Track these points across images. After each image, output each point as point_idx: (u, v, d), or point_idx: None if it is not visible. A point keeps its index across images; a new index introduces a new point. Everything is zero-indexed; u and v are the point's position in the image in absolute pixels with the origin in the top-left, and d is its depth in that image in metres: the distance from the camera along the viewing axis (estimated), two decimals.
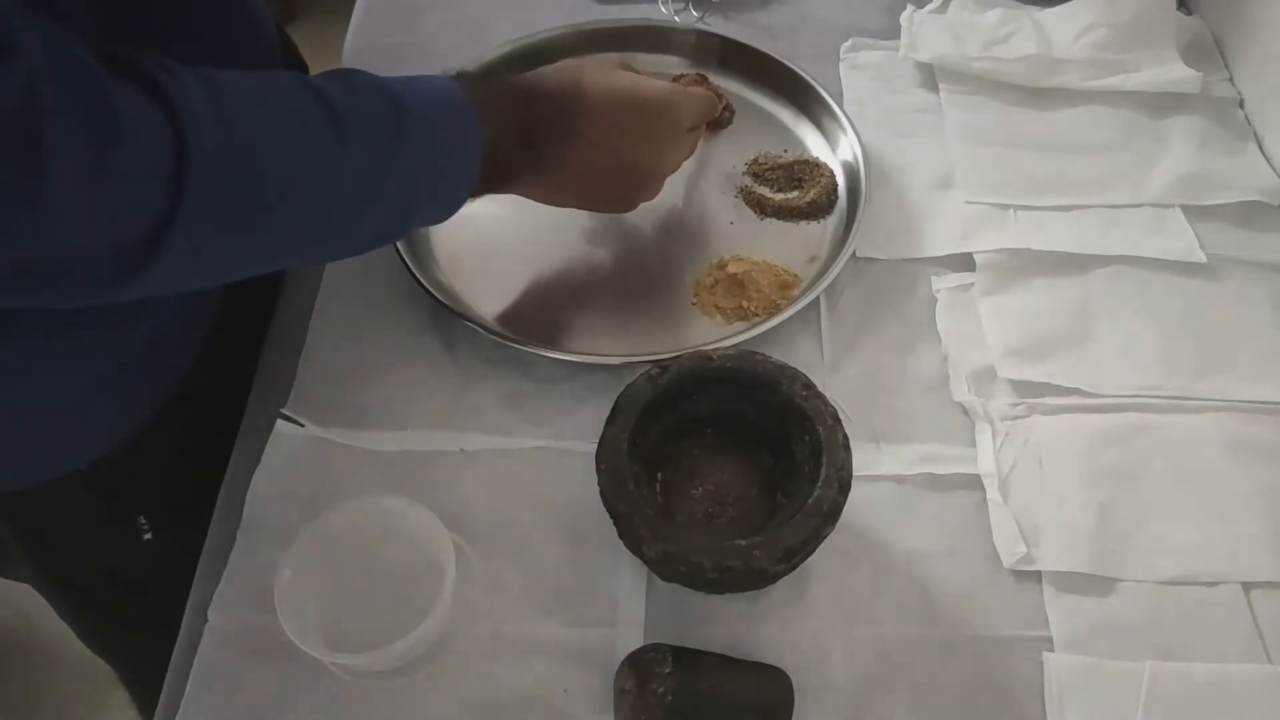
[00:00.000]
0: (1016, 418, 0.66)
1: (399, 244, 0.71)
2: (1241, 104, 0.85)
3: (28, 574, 0.75)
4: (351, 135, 0.50)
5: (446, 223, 0.57)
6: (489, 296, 0.72)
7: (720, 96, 0.84)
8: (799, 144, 0.82)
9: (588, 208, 0.70)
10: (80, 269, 0.43)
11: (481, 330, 0.68)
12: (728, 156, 0.81)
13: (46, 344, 0.56)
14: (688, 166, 0.80)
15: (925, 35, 0.88)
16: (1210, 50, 0.89)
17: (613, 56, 0.77)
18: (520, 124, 0.60)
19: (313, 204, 0.50)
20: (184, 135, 0.42)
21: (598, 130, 0.63)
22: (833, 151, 0.81)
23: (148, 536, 0.70)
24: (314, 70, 0.89)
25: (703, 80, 0.84)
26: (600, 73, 0.65)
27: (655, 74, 0.80)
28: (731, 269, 0.72)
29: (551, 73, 0.65)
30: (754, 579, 0.54)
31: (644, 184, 0.69)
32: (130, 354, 0.61)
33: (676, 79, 0.85)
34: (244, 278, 0.52)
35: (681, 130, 0.69)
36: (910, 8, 0.90)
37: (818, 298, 0.70)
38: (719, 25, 0.90)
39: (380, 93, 0.53)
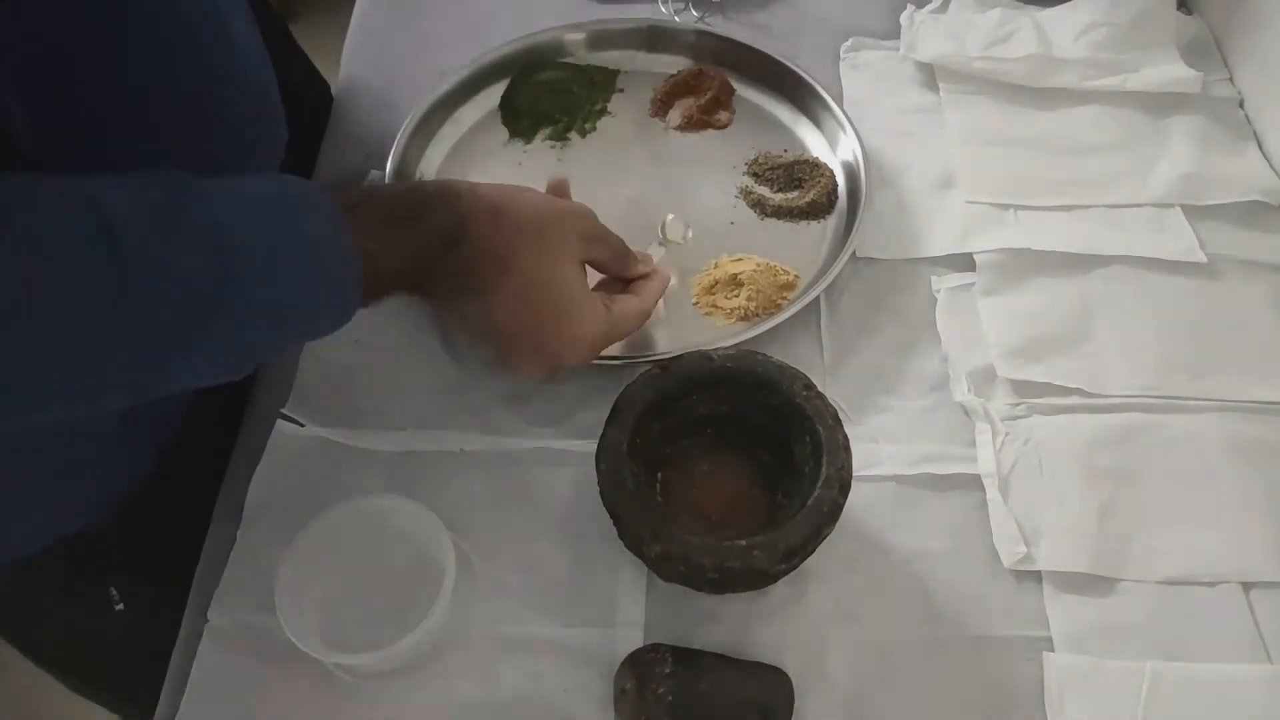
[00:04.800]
0: (1017, 418, 0.66)
1: None
2: (1241, 104, 0.85)
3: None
4: (143, 307, 0.41)
5: None
6: None
7: (719, 81, 0.84)
8: (799, 144, 0.82)
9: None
10: None
11: None
12: (728, 156, 0.81)
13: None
14: (688, 168, 0.80)
15: (925, 35, 0.88)
16: (1210, 50, 0.89)
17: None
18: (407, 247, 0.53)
19: (81, 376, 0.42)
20: None
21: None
22: (833, 151, 0.80)
23: (119, 607, 0.68)
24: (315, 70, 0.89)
25: (700, 73, 0.84)
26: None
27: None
28: (731, 269, 0.72)
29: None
30: (754, 579, 0.54)
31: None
32: (86, 448, 0.59)
33: (674, 75, 0.85)
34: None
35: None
36: (910, 8, 0.90)
37: (818, 298, 0.70)
38: (719, 25, 0.90)
39: (206, 243, 0.43)
